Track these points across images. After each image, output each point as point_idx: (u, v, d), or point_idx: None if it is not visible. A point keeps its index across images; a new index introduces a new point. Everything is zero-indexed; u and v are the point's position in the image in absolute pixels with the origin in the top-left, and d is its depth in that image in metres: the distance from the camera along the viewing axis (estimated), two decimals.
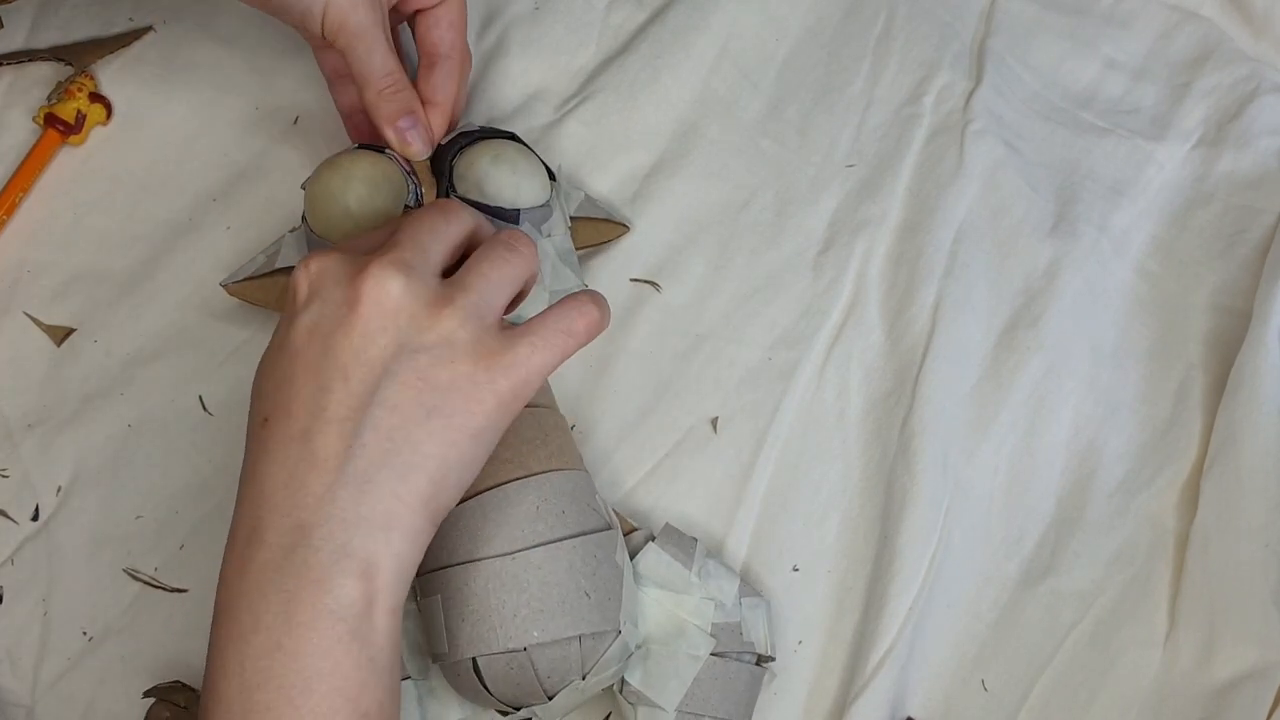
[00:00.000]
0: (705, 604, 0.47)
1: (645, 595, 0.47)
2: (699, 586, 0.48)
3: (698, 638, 0.47)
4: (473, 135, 0.53)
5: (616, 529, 0.47)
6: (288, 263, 0.52)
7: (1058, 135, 0.65)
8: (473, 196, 0.50)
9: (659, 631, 0.47)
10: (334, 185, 0.49)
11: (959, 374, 0.57)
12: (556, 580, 0.43)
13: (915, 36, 0.65)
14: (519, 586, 0.42)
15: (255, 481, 0.38)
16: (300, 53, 0.61)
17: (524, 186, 0.51)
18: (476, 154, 0.51)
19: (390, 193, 0.49)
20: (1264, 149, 0.65)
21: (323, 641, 0.35)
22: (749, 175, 0.61)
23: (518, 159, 0.52)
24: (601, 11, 0.64)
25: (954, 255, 0.59)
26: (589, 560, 0.44)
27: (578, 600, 0.43)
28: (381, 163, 0.50)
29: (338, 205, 0.49)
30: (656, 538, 0.49)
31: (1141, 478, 0.57)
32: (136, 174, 0.58)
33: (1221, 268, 0.62)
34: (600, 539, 0.45)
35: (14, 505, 0.51)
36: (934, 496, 0.53)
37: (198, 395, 0.54)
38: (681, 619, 0.47)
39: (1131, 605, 0.54)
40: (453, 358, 0.38)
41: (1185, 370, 0.59)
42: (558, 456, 0.46)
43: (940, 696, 0.52)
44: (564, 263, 0.52)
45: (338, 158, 0.50)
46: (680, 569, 0.48)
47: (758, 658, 0.48)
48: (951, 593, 0.53)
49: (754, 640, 0.48)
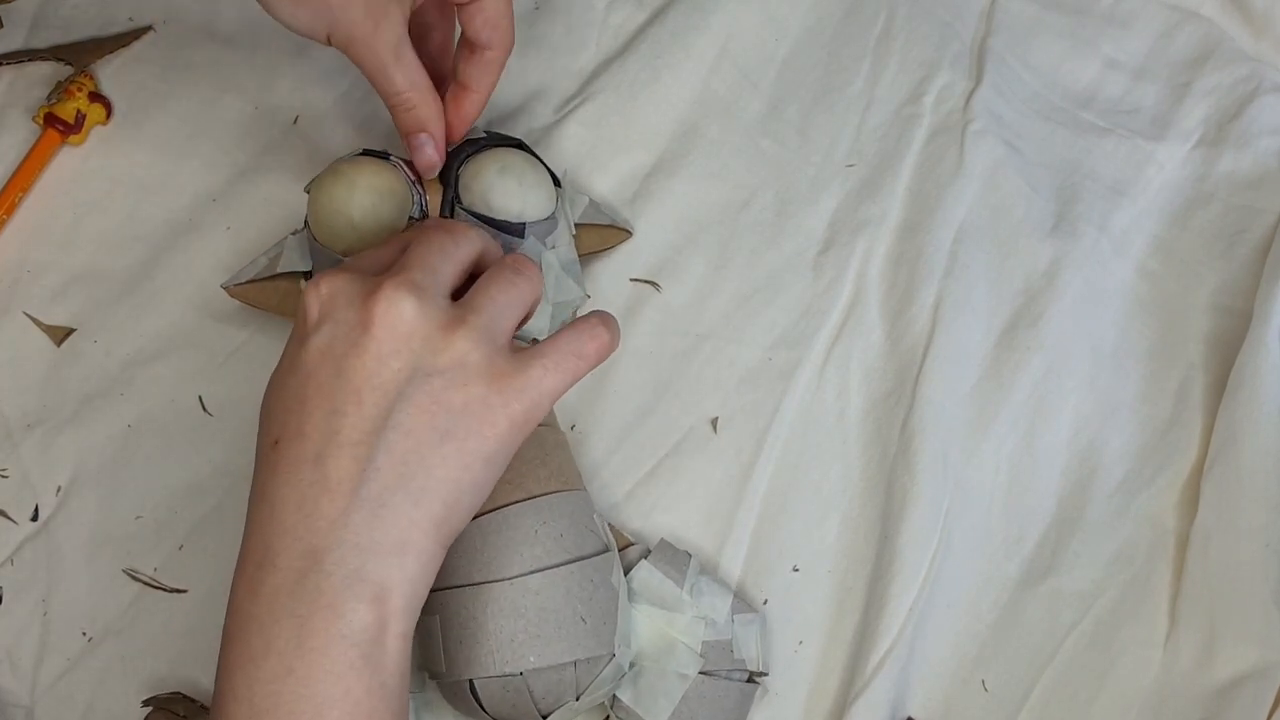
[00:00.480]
0: (696, 622, 0.48)
1: (638, 611, 0.48)
2: (691, 604, 0.48)
3: (687, 656, 0.47)
4: (479, 143, 0.52)
5: (613, 550, 0.47)
6: (290, 266, 0.51)
7: (1058, 135, 0.65)
8: (478, 209, 0.50)
9: (651, 648, 0.48)
10: (338, 194, 0.48)
11: (959, 374, 0.57)
12: (554, 606, 0.43)
13: (915, 36, 0.65)
14: (516, 612, 0.43)
15: (266, 504, 0.37)
16: (300, 52, 0.61)
17: (530, 199, 0.51)
18: (483, 164, 0.51)
19: (395, 204, 0.49)
20: (1264, 149, 0.65)
21: (335, 667, 0.35)
22: (749, 175, 0.61)
23: (524, 170, 0.51)
24: (601, 12, 0.64)
25: (954, 255, 0.59)
26: (585, 585, 0.44)
27: (574, 625, 0.43)
28: (386, 172, 0.49)
29: (342, 215, 0.48)
30: (651, 554, 0.49)
31: (1142, 478, 0.57)
32: (136, 174, 0.58)
33: (1222, 268, 0.62)
34: (597, 562, 0.45)
35: (13, 505, 0.51)
36: (934, 497, 0.53)
37: (197, 396, 0.54)
38: (673, 637, 0.48)
39: (1132, 605, 0.54)
40: (466, 380, 0.38)
41: (1186, 370, 0.59)
42: (557, 477, 0.46)
43: (940, 696, 0.52)
44: (567, 273, 0.52)
45: (342, 165, 0.50)
46: (673, 587, 0.49)
47: (749, 674, 0.49)
48: (952, 593, 0.53)
49: (745, 657, 0.49)
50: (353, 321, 0.38)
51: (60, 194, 0.58)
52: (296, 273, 0.51)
